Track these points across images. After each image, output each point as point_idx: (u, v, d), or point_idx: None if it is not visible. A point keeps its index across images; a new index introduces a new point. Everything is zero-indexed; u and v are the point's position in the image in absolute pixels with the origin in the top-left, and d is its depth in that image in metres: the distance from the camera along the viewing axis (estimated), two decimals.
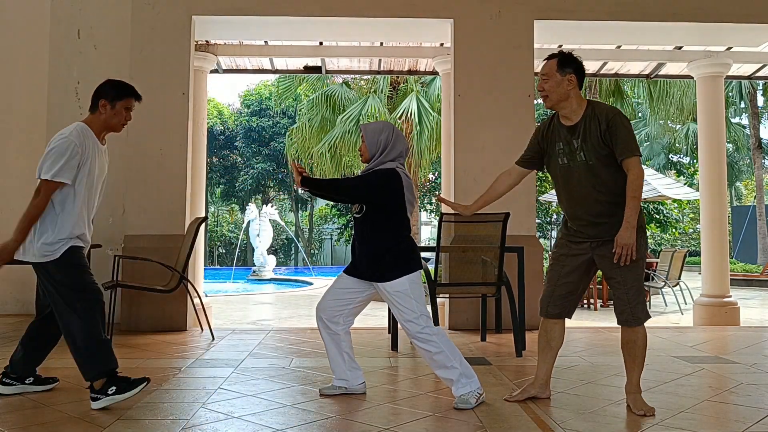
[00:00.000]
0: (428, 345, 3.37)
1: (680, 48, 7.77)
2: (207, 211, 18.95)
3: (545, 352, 3.46)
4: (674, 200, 16.78)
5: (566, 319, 3.46)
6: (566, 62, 3.26)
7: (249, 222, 19.28)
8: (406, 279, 3.40)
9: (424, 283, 4.44)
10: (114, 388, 3.25)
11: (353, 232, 3.63)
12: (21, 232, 3.31)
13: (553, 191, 14.54)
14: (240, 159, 29.82)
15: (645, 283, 10.78)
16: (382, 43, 7.66)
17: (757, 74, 8.77)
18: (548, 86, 3.26)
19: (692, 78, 8.20)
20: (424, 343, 3.38)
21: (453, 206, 3.77)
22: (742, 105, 21.71)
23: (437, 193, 24.46)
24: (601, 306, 10.49)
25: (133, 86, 3.57)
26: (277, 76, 16.75)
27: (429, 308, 3.66)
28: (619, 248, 3.09)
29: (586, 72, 3.38)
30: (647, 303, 3.33)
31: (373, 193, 3.43)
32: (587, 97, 16.83)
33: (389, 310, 5.33)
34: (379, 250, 3.44)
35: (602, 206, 3.21)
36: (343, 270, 3.65)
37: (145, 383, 3.30)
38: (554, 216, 25.87)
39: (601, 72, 8.64)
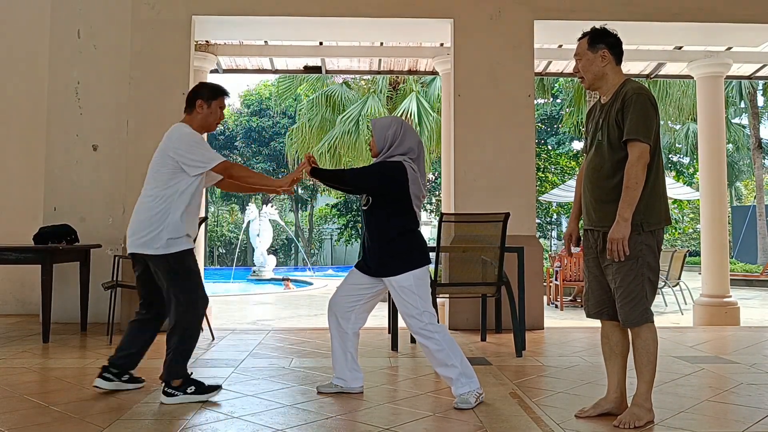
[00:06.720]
0: (430, 342, 3.38)
1: (680, 48, 7.76)
2: (207, 212, 18.90)
3: (611, 360, 3.16)
4: (674, 200, 16.78)
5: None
6: (597, 38, 3.09)
7: (249, 222, 19.25)
8: (411, 275, 3.40)
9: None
10: (193, 387, 3.43)
11: (362, 226, 3.66)
12: None
13: (554, 191, 14.46)
14: (240, 159, 29.80)
15: None
16: (382, 43, 7.65)
17: (757, 74, 8.77)
18: (581, 66, 3.13)
19: (692, 78, 8.19)
20: (425, 340, 3.39)
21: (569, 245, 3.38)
22: (742, 105, 21.66)
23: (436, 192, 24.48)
24: None
25: (223, 87, 3.70)
26: (277, 76, 16.72)
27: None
28: (609, 243, 2.94)
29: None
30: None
31: (376, 183, 3.45)
32: (592, 96, 16.42)
33: (389, 310, 5.33)
34: (384, 242, 3.46)
35: (600, 191, 3.03)
36: (354, 265, 3.68)
37: (217, 390, 3.50)
38: (554, 216, 25.86)
39: None
